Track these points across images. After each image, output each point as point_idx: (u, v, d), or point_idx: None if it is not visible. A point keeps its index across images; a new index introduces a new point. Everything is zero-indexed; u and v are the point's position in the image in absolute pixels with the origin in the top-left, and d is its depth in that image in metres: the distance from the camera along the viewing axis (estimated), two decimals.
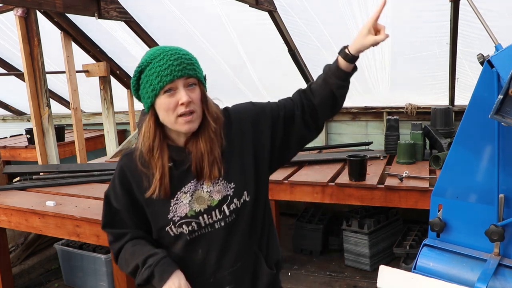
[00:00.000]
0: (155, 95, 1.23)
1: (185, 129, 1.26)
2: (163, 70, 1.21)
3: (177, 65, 1.23)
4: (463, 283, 1.64)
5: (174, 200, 1.32)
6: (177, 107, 1.23)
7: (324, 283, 3.52)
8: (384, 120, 4.22)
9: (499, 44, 1.57)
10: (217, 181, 1.32)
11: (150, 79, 1.23)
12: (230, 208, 1.33)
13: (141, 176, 1.32)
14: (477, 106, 1.62)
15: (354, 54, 1.37)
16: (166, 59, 1.22)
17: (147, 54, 1.28)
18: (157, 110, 1.27)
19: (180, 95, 1.23)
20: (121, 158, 1.40)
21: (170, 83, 1.22)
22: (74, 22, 4.28)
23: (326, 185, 3.25)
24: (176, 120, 1.24)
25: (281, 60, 3.99)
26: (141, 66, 1.26)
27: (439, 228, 1.81)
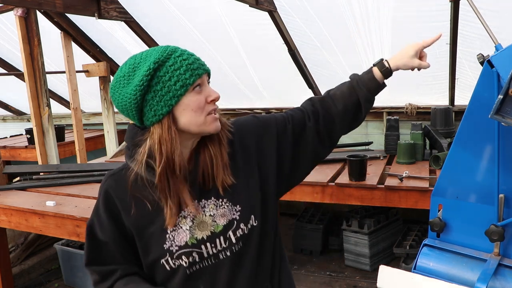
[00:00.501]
0: (185, 92, 1.07)
1: (214, 128, 1.12)
2: (191, 64, 1.08)
3: (198, 60, 1.12)
4: (463, 283, 1.64)
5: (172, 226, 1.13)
6: (205, 105, 1.10)
7: (324, 283, 3.52)
8: (384, 120, 4.22)
9: (499, 44, 1.57)
10: (221, 203, 1.15)
11: (175, 74, 1.06)
12: (237, 234, 1.15)
13: (131, 200, 1.13)
14: (477, 106, 1.62)
15: (393, 68, 1.31)
16: (187, 54, 1.10)
17: (156, 51, 1.09)
18: (179, 112, 1.08)
19: (209, 91, 1.11)
20: (104, 180, 1.18)
21: (200, 77, 1.09)
22: (74, 22, 4.29)
23: (326, 185, 3.25)
24: (205, 119, 1.10)
25: (281, 60, 3.99)
26: (158, 61, 1.06)
27: (439, 228, 1.81)
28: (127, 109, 1.09)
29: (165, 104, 1.06)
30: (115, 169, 1.19)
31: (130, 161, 1.13)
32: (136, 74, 1.07)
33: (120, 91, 1.09)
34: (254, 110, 4.85)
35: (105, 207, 1.15)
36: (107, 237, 1.16)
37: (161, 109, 1.06)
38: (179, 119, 1.08)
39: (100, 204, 1.16)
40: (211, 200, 1.15)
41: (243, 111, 4.95)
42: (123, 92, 1.08)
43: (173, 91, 1.06)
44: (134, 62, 1.09)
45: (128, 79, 1.08)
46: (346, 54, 3.76)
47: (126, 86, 1.08)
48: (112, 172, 1.19)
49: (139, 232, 1.14)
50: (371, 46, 3.57)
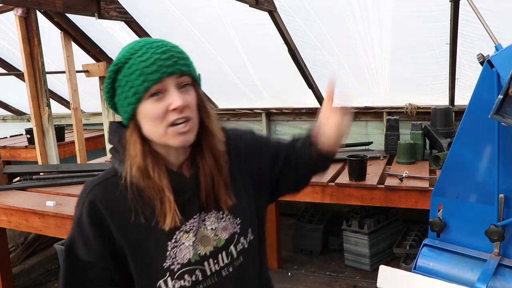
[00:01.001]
0: (138, 100, 0.94)
1: (178, 142, 0.97)
2: (148, 67, 0.93)
3: (166, 59, 0.94)
4: (463, 283, 1.64)
5: (173, 243, 1.00)
6: (167, 114, 0.95)
7: (324, 283, 3.52)
8: (384, 120, 4.21)
9: (499, 44, 1.58)
10: (222, 216, 1.06)
11: (130, 79, 0.94)
12: (237, 249, 1.07)
13: (125, 210, 0.98)
14: (477, 106, 1.62)
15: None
16: (151, 53, 0.94)
17: (125, 48, 0.99)
18: (140, 120, 0.97)
19: (172, 98, 0.94)
20: (88, 189, 1.01)
21: (158, 82, 0.93)
22: (74, 22, 4.28)
23: (326, 185, 3.25)
24: (166, 131, 0.96)
25: (281, 60, 3.99)
26: (117, 64, 0.96)
27: (439, 228, 1.81)
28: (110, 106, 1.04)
29: (124, 111, 0.98)
30: (100, 176, 1.04)
31: (118, 164, 1.00)
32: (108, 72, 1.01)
33: None
34: (254, 110, 4.85)
35: (91, 221, 0.98)
36: (93, 256, 0.98)
37: (123, 114, 0.99)
38: (142, 126, 0.98)
39: (83, 218, 0.98)
40: (212, 212, 1.05)
41: (243, 111, 4.95)
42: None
43: (129, 98, 0.95)
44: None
45: None
46: (346, 54, 3.76)
47: None
48: (97, 181, 1.02)
49: (132, 249, 0.99)
50: (371, 46, 3.57)
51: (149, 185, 0.97)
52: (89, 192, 1.00)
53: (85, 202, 0.99)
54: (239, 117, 5.05)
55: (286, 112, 4.76)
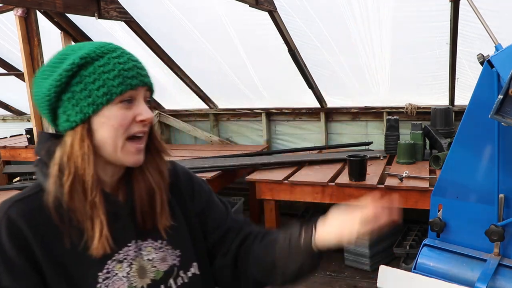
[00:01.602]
0: (107, 101, 0.86)
1: (132, 162, 0.90)
2: (127, 70, 0.87)
3: (141, 69, 0.90)
4: (463, 283, 1.64)
5: (104, 273, 0.88)
6: (131, 125, 0.88)
7: (324, 283, 3.52)
8: (384, 120, 4.22)
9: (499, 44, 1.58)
10: (161, 246, 0.97)
11: (102, 77, 0.85)
12: (177, 283, 0.97)
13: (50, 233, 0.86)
14: (477, 106, 1.62)
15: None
16: (127, 58, 0.89)
17: (93, 46, 0.89)
18: (97, 125, 0.87)
19: (141, 109, 0.89)
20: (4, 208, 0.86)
21: (134, 89, 0.88)
22: (74, 22, 4.28)
23: (326, 185, 3.25)
24: (125, 145, 0.88)
25: (281, 60, 3.99)
26: (86, 58, 0.86)
27: (439, 228, 1.81)
28: (40, 105, 0.90)
29: (80, 111, 0.86)
30: (22, 193, 0.91)
31: (44, 179, 0.88)
32: (59, 66, 0.87)
33: (40, 82, 0.89)
34: (254, 110, 4.85)
35: (13, 242, 0.83)
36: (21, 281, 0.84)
37: (75, 115, 0.86)
38: (96, 133, 0.87)
39: (2, 240, 0.83)
40: (148, 241, 0.96)
41: (243, 111, 4.95)
42: (41, 85, 0.89)
43: (94, 97, 0.85)
44: (65, 52, 0.90)
45: (51, 70, 0.88)
46: (346, 54, 3.76)
47: (46, 78, 0.88)
48: (17, 197, 0.89)
49: (58, 278, 0.85)
50: (371, 46, 3.57)
51: (82, 206, 0.86)
52: (8, 209, 0.86)
53: (3, 220, 0.85)
54: (239, 117, 5.05)
55: (286, 112, 4.76)
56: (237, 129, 5.12)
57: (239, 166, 3.84)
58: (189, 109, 5.20)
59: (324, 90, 4.35)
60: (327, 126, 4.62)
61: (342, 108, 4.49)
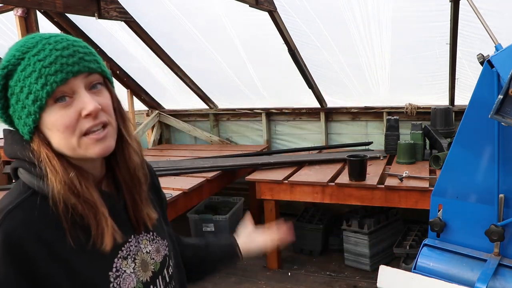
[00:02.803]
0: (40, 108, 0.77)
1: (97, 151, 0.81)
2: (48, 66, 0.76)
3: (69, 56, 0.78)
4: (463, 283, 1.64)
5: (114, 272, 0.85)
6: (79, 122, 0.79)
7: (324, 283, 3.52)
8: (384, 120, 4.22)
9: (499, 44, 1.58)
10: (153, 237, 0.97)
11: (26, 84, 0.77)
12: (169, 272, 0.99)
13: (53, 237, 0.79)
14: (477, 106, 1.62)
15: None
16: (50, 49, 0.78)
17: (13, 48, 0.80)
18: (46, 132, 0.80)
19: (82, 101, 0.79)
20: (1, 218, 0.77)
21: (63, 84, 0.77)
22: (74, 22, 4.28)
23: (326, 185, 3.25)
24: (80, 141, 0.80)
25: (281, 60, 3.99)
26: (7, 66, 0.78)
27: (439, 228, 1.81)
28: None
29: (25, 123, 0.80)
30: (11, 201, 0.81)
31: (36, 180, 0.81)
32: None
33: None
34: (254, 110, 4.85)
35: (11, 259, 0.75)
36: None
37: (23, 128, 0.80)
38: (50, 140, 0.81)
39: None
40: (142, 234, 0.94)
41: (243, 111, 4.95)
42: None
43: (28, 107, 0.78)
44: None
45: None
46: (346, 54, 3.76)
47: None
48: (9, 206, 0.79)
49: (67, 284, 0.80)
50: (371, 46, 3.57)
51: (79, 202, 0.80)
52: (3, 220, 0.77)
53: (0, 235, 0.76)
54: (239, 117, 5.05)
55: (286, 112, 4.76)
56: (237, 129, 5.12)
57: (239, 166, 3.84)
58: (189, 109, 5.20)
59: (324, 90, 4.35)
60: (327, 126, 4.62)
61: (342, 108, 4.49)
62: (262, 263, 3.85)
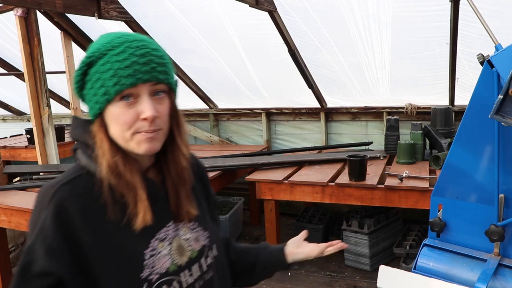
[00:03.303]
0: (107, 101, 0.88)
1: (143, 150, 0.91)
2: (123, 69, 0.86)
3: (143, 64, 0.88)
4: (463, 283, 1.64)
5: (149, 251, 0.93)
6: (136, 122, 0.89)
7: (324, 283, 3.52)
8: (384, 120, 4.22)
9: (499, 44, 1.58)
10: (194, 227, 1.04)
11: (102, 77, 0.88)
12: (207, 262, 1.04)
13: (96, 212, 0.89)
14: (477, 106, 1.62)
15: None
16: (129, 53, 0.88)
17: (101, 41, 0.92)
18: (107, 120, 0.91)
19: (143, 106, 0.88)
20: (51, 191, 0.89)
21: (132, 87, 0.87)
22: (74, 22, 4.28)
23: (326, 185, 3.25)
24: (132, 136, 0.90)
25: (281, 60, 3.99)
26: (91, 56, 0.89)
27: (439, 228, 1.81)
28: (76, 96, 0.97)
29: (92, 107, 0.91)
30: (65, 177, 0.93)
31: (89, 161, 0.93)
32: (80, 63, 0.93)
33: None
34: (254, 110, 4.85)
35: (58, 225, 0.85)
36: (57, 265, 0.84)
37: (91, 110, 0.92)
38: (108, 127, 0.91)
39: (47, 222, 0.86)
40: (183, 222, 1.02)
41: (243, 111, 4.95)
42: None
43: (98, 97, 0.89)
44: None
45: None
46: (346, 54, 3.76)
47: None
48: (62, 181, 0.91)
49: (104, 256, 0.88)
50: (371, 46, 3.57)
51: (120, 183, 0.90)
52: (55, 193, 0.88)
53: (50, 204, 0.87)
54: (239, 117, 5.05)
55: (286, 112, 4.76)
56: (237, 129, 5.12)
57: (239, 166, 3.84)
58: (189, 109, 5.20)
59: (324, 90, 4.35)
60: (327, 126, 4.62)
61: (342, 108, 4.49)
62: None
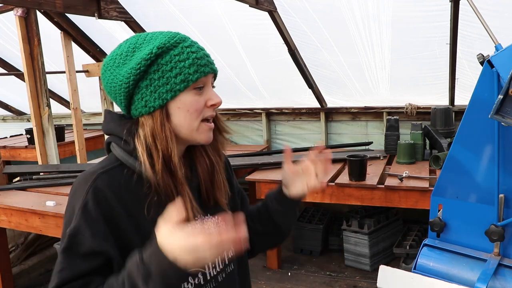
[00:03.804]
0: (184, 88, 0.93)
1: (206, 138, 1.00)
2: (199, 59, 0.95)
3: (209, 57, 0.99)
4: (463, 283, 1.64)
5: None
6: (204, 109, 0.97)
7: (324, 283, 3.52)
8: (384, 120, 4.22)
9: (499, 44, 1.58)
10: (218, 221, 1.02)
11: (179, 66, 0.93)
12: (229, 255, 1.07)
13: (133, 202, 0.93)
14: (477, 106, 1.62)
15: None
16: (197, 47, 0.97)
17: (164, 36, 0.97)
18: (174, 110, 0.95)
19: (210, 94, 0.98)
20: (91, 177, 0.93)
21: (206, 76, 0.97)
22: (74, 22, 4.28)
23: (326, 185, 3.24)
24: (200, 125, 0.97)
25: (281, 60, 3.99)
26: (162, 47, 0.93)
27: (439, 228, 1.81)
28: (115, 92, 0.96)
29: (159, 97, 0.93)
30: (103, 165, 0.96)
31: (126, 155, 0.95)
32: (135, 55, 0.95)
33: (113, 70, 0.96)
34: (254, 110, 4.85)
35: (99, 208, 0.90)
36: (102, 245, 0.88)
37: (153, 101, 0.93)
38: (172, 117, 0.95)
39: (89, 205, 0.90)
40: (208, 217, 1.04)
41: (243, 111, 4.95)
42: (116, 73, 0.95)
43: (172, 84, 0.93)
44: (136, 41, 0.97)
45: (124, 59, 0.95)
46: (346, 54, 3.76)
47: (120, 66, 0.95)
48: (101, 169, 0.95)
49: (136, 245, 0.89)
50: (371, 46, 3.57)
51: (170, 182, 0.94)
52: (95, 179, 0.92)
53: (91, 189, 0.91)
54: (239, 117, 5.05)
55: (286, 112, 4.76)
56: (237, 129, 5.12)
57: (239, 166, 3.84)
58: None
59: (324, 90, 4.35)
60: (327, 126, 4.62)
61: (342, 108, 4.49)
62: (262, 263, 3.85)
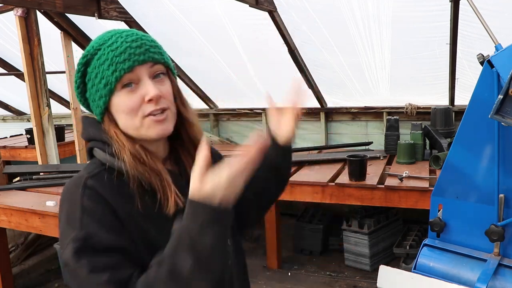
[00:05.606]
0: (110, 91, 0.91)
1: (156, 133, 0.93)
2: (118, 55, 0.90)
3: (137, 47, 0.91)
4: (463, 283, 1.64)
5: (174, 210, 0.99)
6: (142, 106, 0.91)
7: (324, 283, 3.52)
8: (384, 120, 4.22)
9: (499, 44, 1.58)
10: None
11: (100, 70, 0.90)
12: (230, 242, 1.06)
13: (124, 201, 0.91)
14: (477, 106, 1.62)
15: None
16: (121, 41, 0.91)
17: (94, 40, 0.95)
18: (114, 114, 0.94)
19: (146, 88, 0.91)
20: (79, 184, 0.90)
21: (130, 72, 0.90)
22: (74, 22, 4.28)
23: (326, 185, 3.24)
24: (142, 121, 0.92)
25: (281, 60, 3.99)
26: (86, 56, 0.93)
27: (439, 228, 1.81)
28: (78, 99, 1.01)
29: (97, 105, 0.94)
30: (89, 171, 0.93)
31: (110, 158, 0.93)
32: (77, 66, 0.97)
33: None
34: (254, 110, 4.85)
35: (98, 204, 0.88)
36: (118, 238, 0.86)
37: (96, 108, 0.95)
38: (117, 121, 0.94)
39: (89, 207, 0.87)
40: None
41: (243, 111, 4.95)
42: None
43: (101, 91, 0.91)
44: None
45: None
46: (346, 54, 3.76)
47: None
48: (87, 175, 0.92)
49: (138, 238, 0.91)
50: (371, 46, 3.57)
51: (145, 170, 0.92)
52: (85, 182, 0.90)
53: (85, 191, 0.88)
54: (239, 117, 5.05)
55: None
56: (237, 129, 5.12)
57: None
58: None
59: (324, 90, 4.35)
60: (327, 126, 4.62)
61: (342, 108, 4.49)
62: (262, 263, 3.85)
